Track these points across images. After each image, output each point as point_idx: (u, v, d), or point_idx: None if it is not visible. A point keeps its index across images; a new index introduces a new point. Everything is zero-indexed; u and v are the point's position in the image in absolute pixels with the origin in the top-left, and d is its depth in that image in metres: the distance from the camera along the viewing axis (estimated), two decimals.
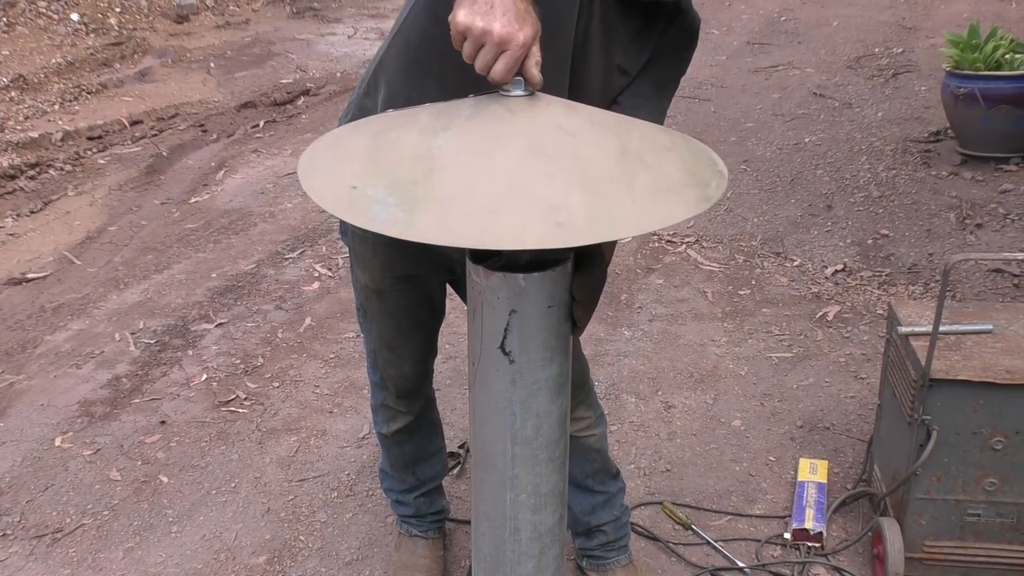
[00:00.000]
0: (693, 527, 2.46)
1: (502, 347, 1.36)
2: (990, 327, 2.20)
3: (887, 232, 4.03)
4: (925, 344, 2.14)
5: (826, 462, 2.63)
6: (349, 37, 7.93)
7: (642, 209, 1.18)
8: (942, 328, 2.09)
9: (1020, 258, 1.88)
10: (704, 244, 4.08)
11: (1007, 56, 4.49)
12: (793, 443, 2.79)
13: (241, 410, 3.08)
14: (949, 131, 4.93)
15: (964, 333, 2.19)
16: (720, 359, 3.24)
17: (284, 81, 6.78)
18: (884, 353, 2.42)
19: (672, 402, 3.02)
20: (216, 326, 3.62)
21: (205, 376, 3.29)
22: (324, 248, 4.21)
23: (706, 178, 1.32)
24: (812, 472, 2.58)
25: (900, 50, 6.83)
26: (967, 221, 4.03)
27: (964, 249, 3.82)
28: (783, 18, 8.03)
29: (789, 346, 3.29)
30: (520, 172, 1.17)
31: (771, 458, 2.74)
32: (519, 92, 1.29)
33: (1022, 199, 4.18)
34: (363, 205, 1.13)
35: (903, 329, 2.21)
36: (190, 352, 3.45)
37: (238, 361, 3.37)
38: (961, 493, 2.17)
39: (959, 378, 2.06)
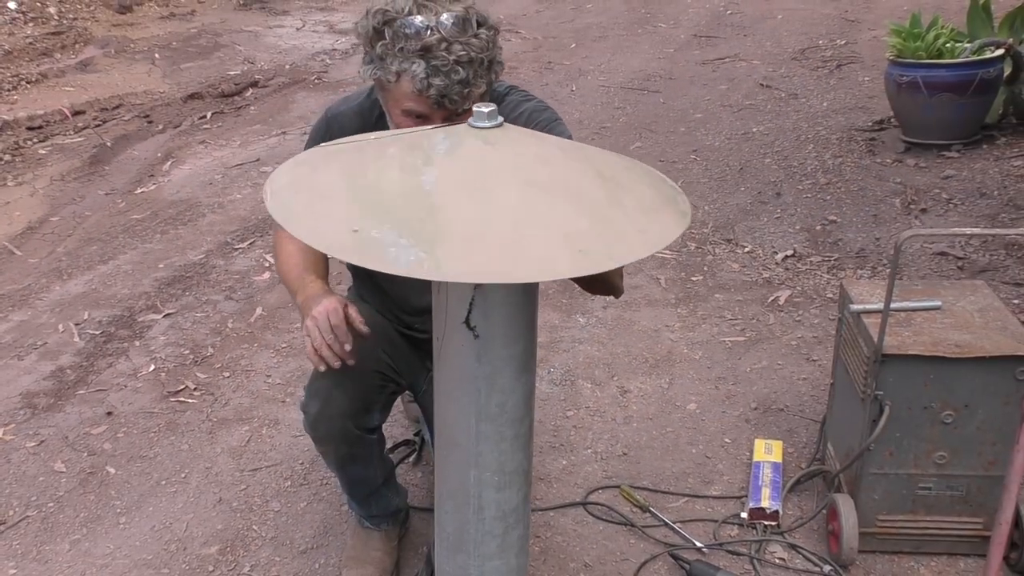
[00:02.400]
0: (651, 509, 2.47)
1: (467, 322, 1.35)
2: (939, 303, 2.24)
3: (835, 218, 4.09)
4: (877, 321, 2.17)
5: (780, 442, 2.65)
6: (298, 29, 7.83)
7: (642, 229, 1.21)
8: (893, 305, 2.12)
9: (968, 233, 1.91)
10: None
11: (948, 45, 4.58)
12: (748, 425, 2.82)
13: (191, 400, 3.03)
14: (893, 120, 5.01)
15: (914, 310, 2.23)
16: (674, 344, 3.26)
17: (232, 73, 6.67)
18: (836, 332, 2.45)
19: (628, 387, 3.03)
20: (164, 316, 3.55)
21: (153, 367, 3.22)
22: None
23: (670, 194, 1.36)
24: (767, 452, 2.61)
25: (843, 42, 6.94)
26: (912, 206, 4.10)
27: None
28: (729, 11, 8.11)
29: (742, 330, 3.32)
30: (524, 204, 1.19)
31: (727, 440, 2.76)
32: (486, 124, 1.30)
33: (964, 184, 4.26)
34: (376, 249, 1.10)
35: (855, 307, 2.24)
36: (137, 343, 3.38)
37: (187, 351, 3.31)
38: (913, 467, 2.21)
39: (910, 353, 2.09)
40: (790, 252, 3.84)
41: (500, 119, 1.33)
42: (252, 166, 5.02)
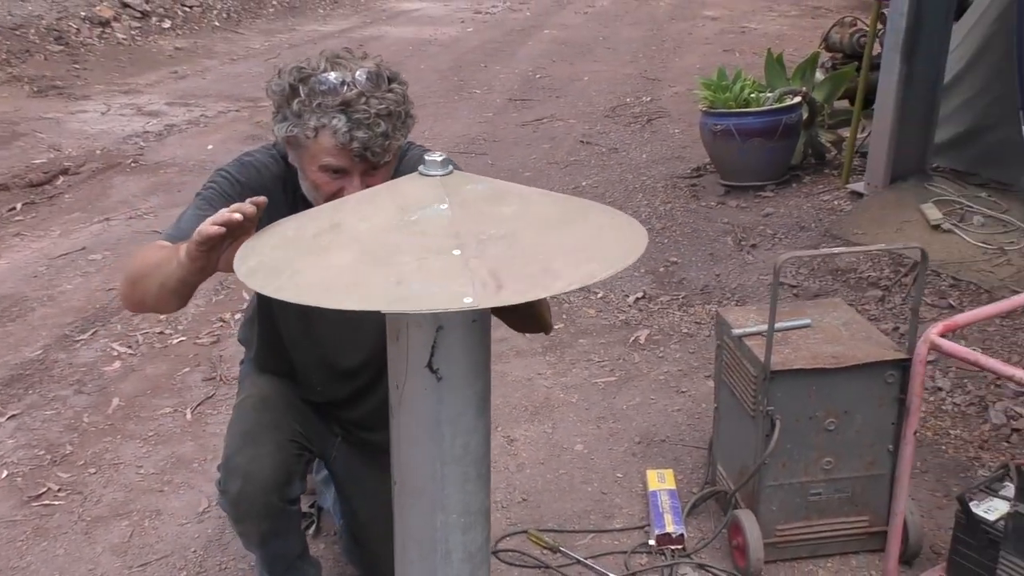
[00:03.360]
0: (561, 549, 2.51)
1: (429, 365, 1.36)
2: (808, 321, 2.43)
3: (676, 259, 4.33)
4: (758, 342, 2.33)
5: (671, 470, 2.77)
6: (103, 114, 7.52)
7: (619, 242, 1.32)
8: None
9: (836, 252, 2.11)
10: None
11: (753, 95, 4.99)
12: (635, 458, 2.92)
13: (56, 502, 2.82)
14: (709, 165, 5.38)
15: (789, 329, 2.40)
16: (550, 390, 3.34)
17: (37, 161, 6.31)
18: (716, 359, 2.60)
19: (513, 435, 3.07)
20: (8, 419, 3.29)
21: (6, 472, 2.98)
22: (119, 326, 3.95)
23: (621, 216, 1.46)
24: (660, 481, 2.71)
25: (649, 98, 7.39)
26: (743, 243, 4.41)
27: (745, 268, 4.18)
28: (538, 75, 8.47)
29: (611, 371, 3.44)
30: (552, 234, 1.30)
31: (618, 475, 2.85)
32: (440, 172, 1.34)
33: (784, 220, 4.63)
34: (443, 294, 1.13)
35: (737, 331, 2.39)
36: None
37: (42, 452, 3.08)
38: (804, 475, 2.36)
39: (795, 368, 2.25)
40: (640, 294, 4.03)
41: (451, 167, 1.37)
42: (79, 255, 4.76)
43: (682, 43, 9.74)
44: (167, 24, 10.48)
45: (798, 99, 5.01)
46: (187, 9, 10.94)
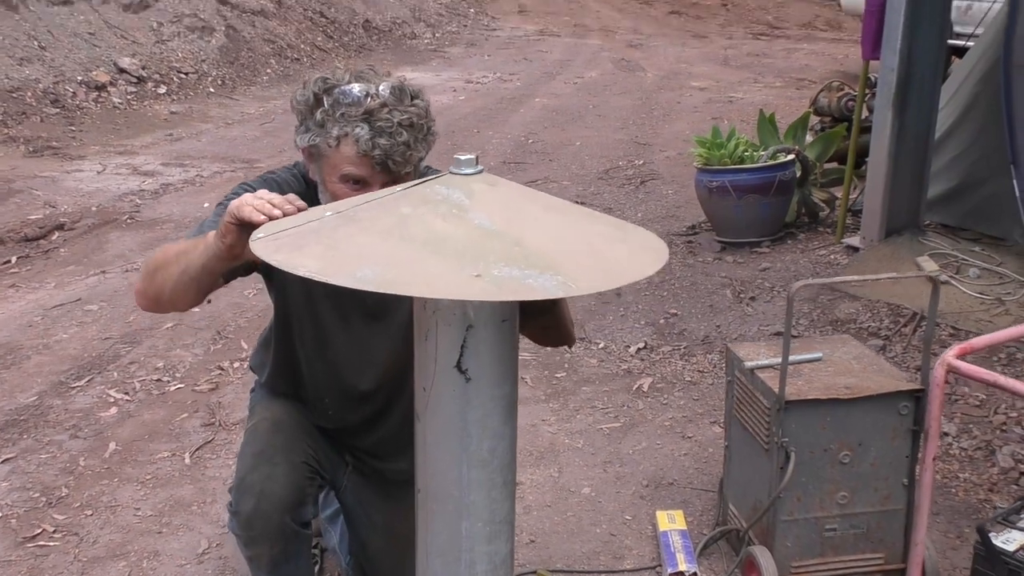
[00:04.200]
0: None
1: (458, 365, 1.35)
2: (820, 355, 2.43)
3: (676, 311, 4.34)
4: (770, 374, 2.32)
5: (681, 511, 2.73)
6: (99, 173, 7.55)
7: (639, 237, 1.38)
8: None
9: (852, 280, 2.12)
10: None
11: (747, 153, 5.07)
12: (644, 501, 2.88)
13: (52, 543, 2.75)
14: (704, 223, 5.43)
15: (801, 362, 2.40)
16: (555, 436, 3.31)
17: (33, 217, 6.31)
18: (727, 395, 2.59)
19: (519, 479, 3.02)
20: (2, 462, 3.23)
21: (0, 513, 2.92)
22: (116, 374, 3.91)
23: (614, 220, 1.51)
24: (671, 521, 2.67)
25: (641, 162, 7.48)
26: (742, 295, 4.43)
27: (745, 319, 4.19)
28: (530, 140, 8.58)
29: (616, 417, 3.42)
30: (569, 227, 1.35)
31: (627, 517, 2.81)
32: (470, 171, 1.36)
33: (781, 274, 4.66)
34: (513, 284, 1.16)
35: (750, 363, 2.39)
36: None
37: (37, 494, 3.02)
38: (819, 510, 2.33)
39: (809, 398, 2.24)
40: (641, 344, 4.03)
41: (481, 167, 1.38)
42: (74, 305, 4.73)
43: (671, 111, 9.90)
44: (163, 89, 10.59)
45: (791, 156, 5.08)
46: (183, 76, 11.07)
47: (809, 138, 5.72)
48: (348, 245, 1.26)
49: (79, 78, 10.06)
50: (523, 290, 1.16)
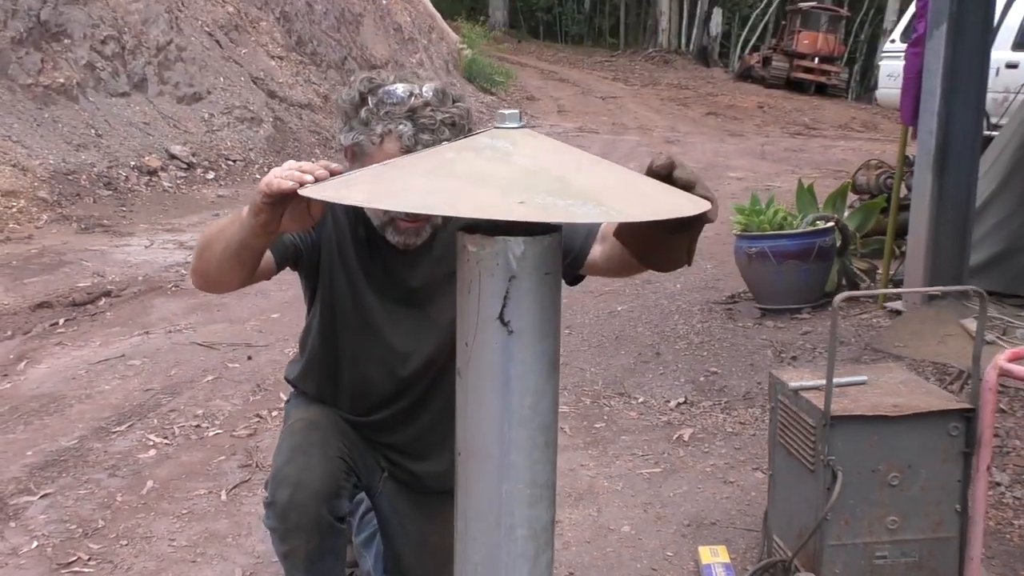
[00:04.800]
0: None
1: (501, 316, 1.35)
2: (864, 379, 2.39)
3: (715, 370, 4.30)
4: (815, 395, 2.29)
5: (724, 546, 2.66)
6: (146, 247, 7.75)
7: (683, 198, 1.40)
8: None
9: (896, 292, 2.10)
10: None
11: (787, 219, 5.08)
12: (685, 539, 2.81)
13: (86, 570, 2.74)
14: (744, 293, 5.41)
15: (845, 385, 2.36)
16: (594, 479, 3.25)
17: (81, 284, 6.46)
18: (770, 420, 2.55)
19: (558, 518, 2.96)
20: (40, 497, 3.23)
21: (36, 543, 2.90)
22: (156, 421, 3.93)
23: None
24: (714, 556, 2.60)
25: None
26: (783, 355, 4.38)
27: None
28: None
29: (656, 463, 3.36)
30: (628, 178, 1.38)
31: (668, 553, 2.73)
32: (515, 124, 1.39)
33: (823, 337, 4.60)
34: (557, 210, 1.18)
35: (794, 384, 2.35)
36: (12, 524, 3.05)
37: (74, 526, 3.01)
38: (868, 535, 2.26)
39: (855, 414, 2.20)
40: (682, 399, 3.98)
41: (523, 121, 1.41)
42: (118, 361, 4.79)
43: None
44: (211, 175, 10.91)
45: (831, 224, 5.08)
46: (231, 163, 11.41)
47: (847, 213, 5.73)
48: (394, 182, 1.29)
49: (132, 163, 10.40)
50: (567, 215, 1.17)
